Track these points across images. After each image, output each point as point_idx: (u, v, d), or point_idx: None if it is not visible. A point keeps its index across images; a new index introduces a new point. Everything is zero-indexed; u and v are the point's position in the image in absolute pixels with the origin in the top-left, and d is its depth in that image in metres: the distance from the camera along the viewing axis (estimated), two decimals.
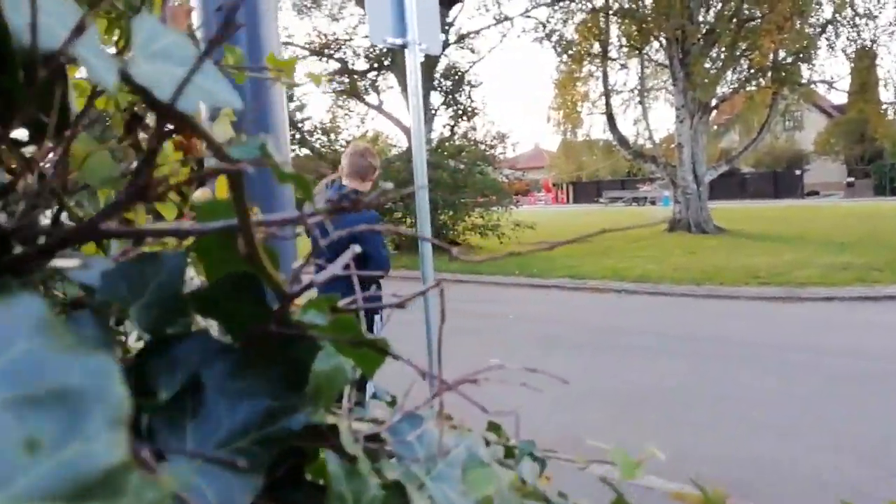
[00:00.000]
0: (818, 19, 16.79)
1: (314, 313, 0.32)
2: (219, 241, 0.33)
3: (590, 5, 17.71)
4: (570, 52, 18.38)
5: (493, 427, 0.64)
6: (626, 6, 17.16)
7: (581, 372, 5.67)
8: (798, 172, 35.36)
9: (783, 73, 16.55)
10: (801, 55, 16.46)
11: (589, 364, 5.98)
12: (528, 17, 18.63)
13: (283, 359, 0.33)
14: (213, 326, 0.38)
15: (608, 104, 18.69)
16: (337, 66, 18.97)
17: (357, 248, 0.43)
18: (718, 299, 9.03)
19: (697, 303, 8.94)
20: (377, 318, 3.91)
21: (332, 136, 19.60)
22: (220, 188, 0.61)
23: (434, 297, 4.15)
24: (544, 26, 18.21)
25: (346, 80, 19.16)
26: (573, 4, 17.91)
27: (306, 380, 0.34)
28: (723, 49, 16.73)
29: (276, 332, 0.32)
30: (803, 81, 17.43)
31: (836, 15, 16.84)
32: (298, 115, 18.96)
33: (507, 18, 18.77)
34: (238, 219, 0.28)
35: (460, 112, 18.69)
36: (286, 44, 18.55)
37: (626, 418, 4.55)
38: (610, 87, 18.96)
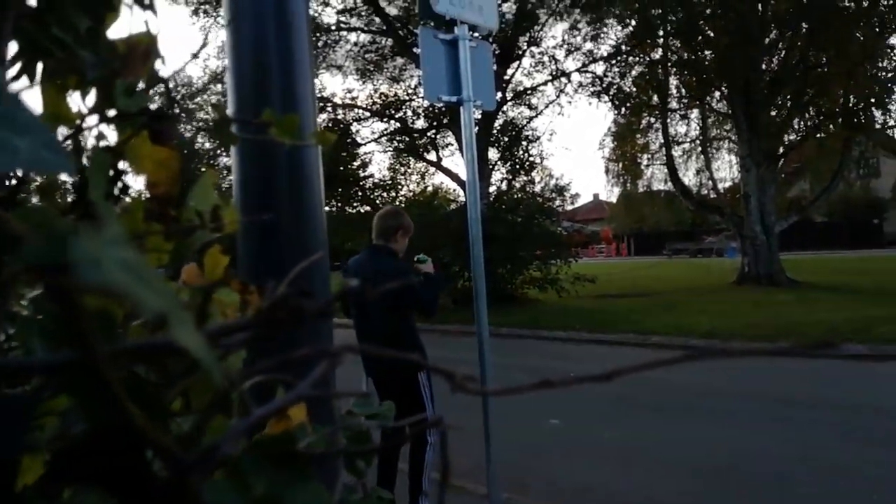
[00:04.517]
0: (891, 63, 16.15)
1: (227, 486, 0.21)
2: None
3: (647, 59, 17.65)
4: (627, 105, 18.28)
5: None
6: (686, 58, 17.00)
7: (656, 436, 5.29)
8: (876, 221, 33.62)
9: (856, 120, 15.89)
10: (875, 100, 15.79)
11: (664, 428, 5.56)
12: (586, 72, 18.69)
13: None
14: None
15: (669, 155, 18.37)
16: (397, 125, 19.53)
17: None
18: (796, 357, 8.45)
19: (773, 361, 8.38)
20: (421, 376, 3.82)
21: (393, 193, 20.09)
22: (210, 264, 0.51)
23: (490, 354, 4.00)
24: (601, 80, 18.22)
25: (406, 139, 19.66)
26: (631, 58, 17.90)
27: None
28: (788, 97, 16.25)
29: None
30: (878, 127, 16.67)
31: None
32: (361, 173, 19.51)
33: (563, 74, 18.87)
34: (82, 346, 0.18)
35: (518, 166, 18.75)
36: (350, 106, 19.24)
37: (717, 491, 4.12)
38: (670, 138, 18.67)
